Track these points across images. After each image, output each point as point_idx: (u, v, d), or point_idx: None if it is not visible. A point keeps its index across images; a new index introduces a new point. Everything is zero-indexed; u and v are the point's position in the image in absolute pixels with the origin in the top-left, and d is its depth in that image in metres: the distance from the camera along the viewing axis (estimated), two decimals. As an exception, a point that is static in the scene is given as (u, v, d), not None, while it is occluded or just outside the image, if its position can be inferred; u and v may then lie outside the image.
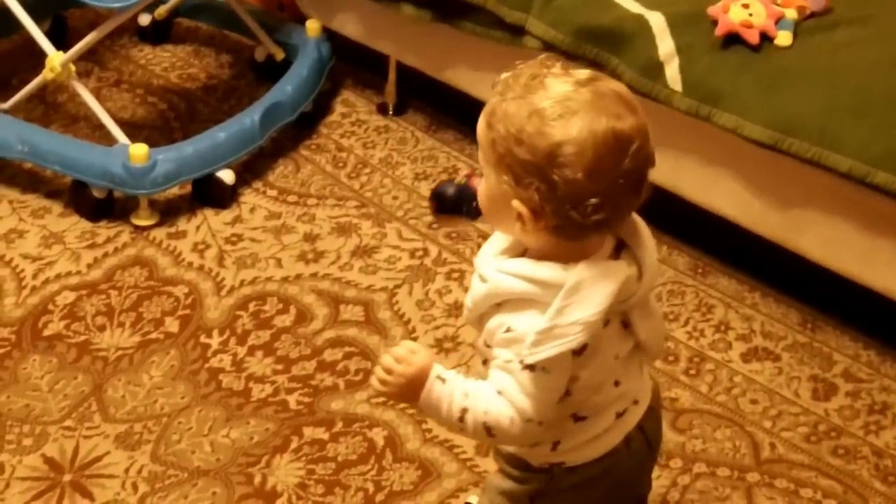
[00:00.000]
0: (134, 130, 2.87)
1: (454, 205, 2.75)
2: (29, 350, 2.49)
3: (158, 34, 3.43)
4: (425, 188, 2.90)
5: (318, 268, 2.69)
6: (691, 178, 2.58)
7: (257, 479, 2.25)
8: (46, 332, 2.52)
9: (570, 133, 1.44)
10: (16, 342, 2.50)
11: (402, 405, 2.30)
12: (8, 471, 2.25)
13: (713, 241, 2.73)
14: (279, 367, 2.46)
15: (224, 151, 2.83)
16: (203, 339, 2.52)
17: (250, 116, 2.88)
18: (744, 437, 2.35)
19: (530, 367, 1.54)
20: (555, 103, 1.46)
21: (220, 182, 2.83)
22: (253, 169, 2.95)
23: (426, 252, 2.73)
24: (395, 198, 2.89)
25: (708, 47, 2.44)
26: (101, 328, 2.54)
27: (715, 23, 2.42)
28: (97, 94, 2.94)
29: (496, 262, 1.58)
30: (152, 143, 2.77)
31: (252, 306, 2.59)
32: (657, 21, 2.48)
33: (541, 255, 1.55)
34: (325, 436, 2.32)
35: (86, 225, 2.79)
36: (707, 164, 2.55)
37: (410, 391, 1.62)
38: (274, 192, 2.89)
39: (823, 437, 2.35)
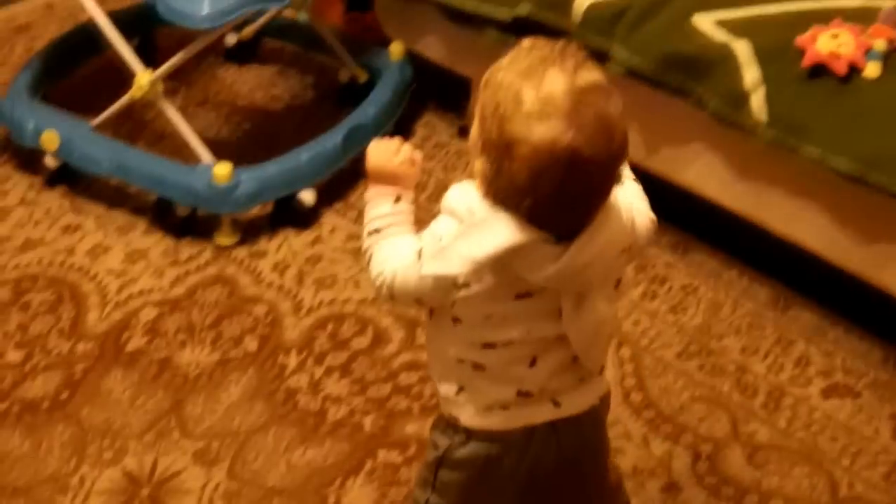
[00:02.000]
0: (218, 149, 2.89)
1: None
2: (111, 364, 2.51)
3: (244, 54, 3.47)
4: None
5: (396, 291, 2.70)
6: (775, 210, 2.56)
7: (331, 501, 2.25)
8: (129, 348, 2.55)
9: (532, 135, 1.45)
10: (99, 356, 2.53)
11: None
12: (88, 483, 2.28)
13: (795, 275, 2.71)
14: (355, 388, 2.47)
15: (306, 172, 2.85)
16: (281, 358, 2.53)
17: (333, 138, 2.90)
18: (821, 475, 2.33)
19: (419, 263, 1.60)
20: (537, 100, 1.46)
21: (301, 203, 2.86)
22: (334, 190, 2.96)
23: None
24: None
25: (794, 77, 2.42)
26: (182, 345, 2.56)
27: (802, 53, 2.40)
28: (183, 112, 2.96)
29: (464, 182, 1.61)
30: (236, 163, 2.79)
31: (330, 327, 2.60)
32: (743, 50, 2.46)
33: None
34: (399, 459, 2.32)
35: (169, 242, 2.82)
36: (791, 196, 2.53)
37: (381, 176, 1.70)
38: (354, 214, 2.90)
39: (903, 476, 2.32)
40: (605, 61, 2.64)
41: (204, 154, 2.83)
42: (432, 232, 1.60)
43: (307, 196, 2.86)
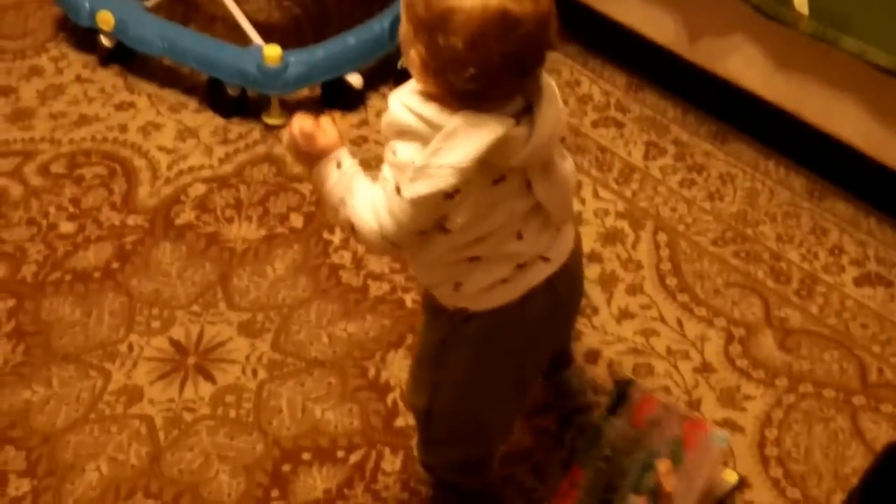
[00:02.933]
0: (268, 32, 2.91)
1: None
2: (161, 237, 2.57)
3: (297, -61, 3.49)
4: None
5: (439, 173, 2.74)
6: (814, 102, 2.58)
7: (371, 373, 2.32)
8: (178, 222, 2.61)
9: (464, 2, 1.48)
10: (149, 229, 2.59)
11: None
12: (136, 350, 2.35)
13: (832, 166, 2.73)
14: (396, 266, 2.52)
15: (353, 56, 2.87)
16: (326, 235, 2.58)
17: (380, 23, 2.91)
18: (851, 360, 2.37)
19: (401, 195, 1.61)
20: None
21: (348, 85, 2.88)
22: (381, 74, 2.98)
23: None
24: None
25: (838, -30, 2.43)
26: (230, 220, 2.61)
27: (846, -54, 2.41)
28: (235, -5, 3.01)
29: (403, 93, 1.63)
30: (285, 46, 2.81)
31: (374, 207, 2.66)
32: (788, -58, 2.48)
33: (437, 100, 1.59)
34: (439, 334, 2.39)
35: (219, 121, 2.86)
36: (830, 89, 2.55)
37: (311, 159, 1.74)
38: (401, 99, 2.94)
39: (931, 363, 2.36)
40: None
41: (255, 36, 2.86)
42: (397, 163, 1.61)
43: (354, 79, 2.89)
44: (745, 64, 2.67)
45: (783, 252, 2.57)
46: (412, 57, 1.58)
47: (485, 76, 1.52)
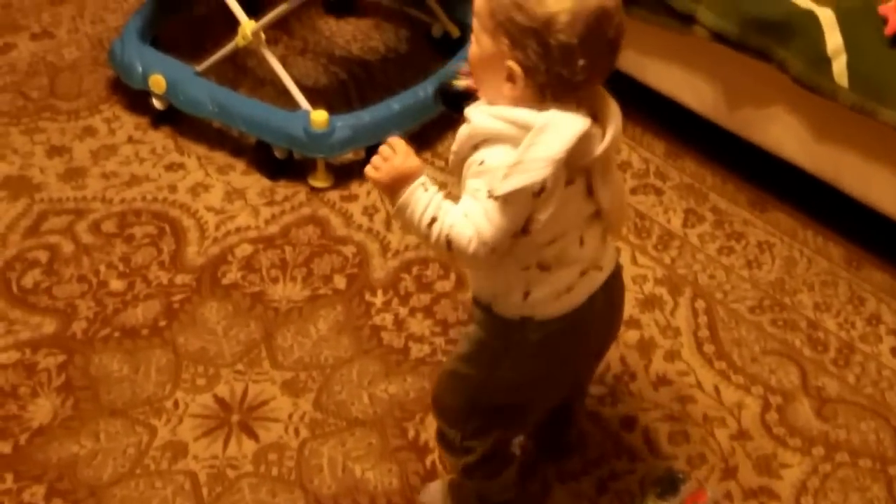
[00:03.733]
0: (315, 96, 2.97)
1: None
2: (208, 296, 2.62)
3: (343, 7, 3.54)
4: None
5: (481, 238, 2.77)
6: (852, 172, 2.61)
7: (411, 433, 2.35)
8: (224, 281, 2.65)
9: (565, 4, 1.63)
10: (196, 288, 2.63)
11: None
12: (182, 407, 2.39)
13: (869, 235, 2.75)
14: (437, 329, 2.55)
15: (398, 121, 2.91)
16: (368, 297, 2.62)
17: (424, 89, 2.96)
18: (888, 430, 2.39)
19: (495, 197, 1.68)
20: None
21: (392, 150, 2.93)
22: (423, 140, 3.02)
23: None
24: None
25: (877, 45, 2.46)
26: (275, 280, 2.66)
27: (885, 21, 2.44)
28: (283, 60, 3.05)
29: (478, 108, 1.74)
30: (331, 110, 2.86)
31: (415, 270, 2.68)
32: (826, 16, 2.51)
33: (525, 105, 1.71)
34: (478, 397, 2.41)
35: (266, 183, 2.91)
36: (869, 159, 2.58)
37: (395, 185, 1.79)
38: (441, 163, 2.97)
39: (967, 434, 2.37)
40: (690, 24, 2.70)
41: (302, 101, 2.90)
42: (487, 169, 1.70)
43: (398, 144, 2.93)
44: (784, 133, 2.70)
45: (820, 321, 2.60)
46: (507, 71, 1.68)
47: (593, 63, 1.67)
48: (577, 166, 1.71)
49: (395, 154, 1.80)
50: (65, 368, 2.46)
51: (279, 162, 2.93)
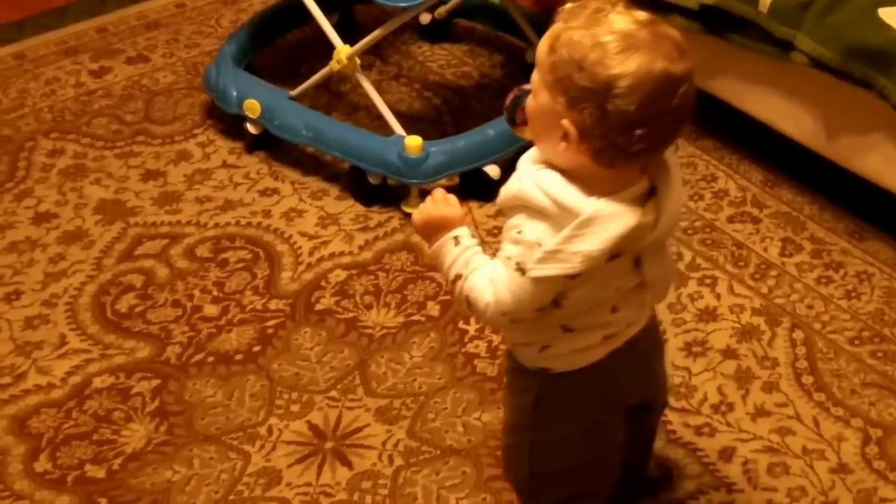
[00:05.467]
0: (409, 122, 2.98)
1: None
2: (301, 322, 2.62)
3: (437, 32, 3.56)
4: (684, 194, 2.96)
5: (574, 265, 2.76)
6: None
7: (505, 462, 2.34)
8: (318, 307, 2.65)
9: (628, 68, 1.54)
10: (290, 314, 2.64)
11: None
12: (276, 434, 2.39)
13: None
14: (532, 357, 2.55)
15: (493, 147, 2.91)
16: (461, 324, 2.61)
17: (521, 116, 2.96)
18: None
19: (523, 272, 1.65)
20: (617, 38, 1.56)
21: (486, 176, 2.93)
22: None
23: (680, 256, 2.78)
24: (654, 202, 2.94)
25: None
26: (369, 307, 2.66)
27: None
28: (377, 86, 3.06)
29: (534, 170, 1.67)
30: (425, 136, 2.87)
31: (510, 297, 2.68)
32: (930, 44, 2.48)
33: (572, 176, 1.64)
34: (572, 426, 2.40)
35: (360, 209, 2.92)
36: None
37: (431, 231, 1.82)
38: (537, 190, 2.97)
39: None
40: (789, 51, 2.67)
41: (397, 126, 2.92)
42: (523, 241, 1.65)
43: (492, 170, 2.93)
44: (884, 162, 2.67)
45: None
46: (562, 130, 1.60)
47: (652, 134, 1.59)
48: (625, 249, 1.68)
49: (434, 202, 1.83)
50: (159, 393, 2.47)
51: (373, 188, 2.93)
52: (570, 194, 1.62)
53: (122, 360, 2.54)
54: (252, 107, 3.02)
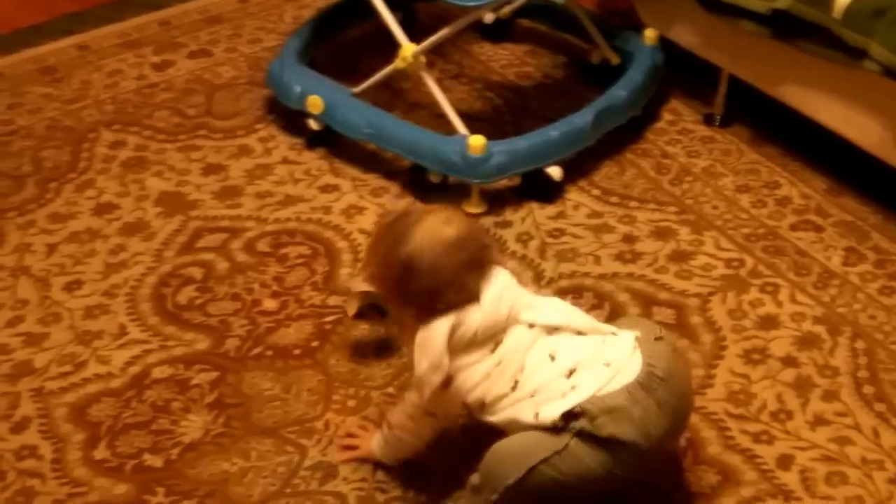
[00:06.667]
0: (468, 121, 2.97)
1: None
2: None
3: (499, 32, 3.56)
4: (746, 200, 2.93)
5: (634, 268, 2.75)
6: None
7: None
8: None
9: (411, 248, 1.94)
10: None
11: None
12: (332, 428, 2.38)
13: None
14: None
15: (555, 149, 2.91)
16: (521, 326, 2.61)
17: (583, 117, 2.95)
18: None
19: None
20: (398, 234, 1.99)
21: (548, 178, 2.92)
22: (580, 168, 3.02)
23: (742, 263, 2.76)
24: (714, 207, 2.93)
25: None
26: (427, 305, 2.66)
27: None
28: (439, 84, 3.05)
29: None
30: (485, 136, 2.86)
31: (569, 299, 2.64)
32: None
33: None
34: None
35: (420, 207, 2.93)
36: None
37: (371, 456, 2.28)
38: (598, 192, 2.97)
39: None
40: (861, 59, 2.64)
41: (460, 125, 2.91)
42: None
43: (554, 171, 2.92)
44: (954, 174, 2.64)
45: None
46: (409, 320, 2.02)
47: (453, 284, 1.95)
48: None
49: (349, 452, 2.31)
50: (217, 385, 2.48)
51: (433, 186, 2.93)
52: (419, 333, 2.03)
53: (181, 351, 2.55)
54: (315, 103, 3.02)
